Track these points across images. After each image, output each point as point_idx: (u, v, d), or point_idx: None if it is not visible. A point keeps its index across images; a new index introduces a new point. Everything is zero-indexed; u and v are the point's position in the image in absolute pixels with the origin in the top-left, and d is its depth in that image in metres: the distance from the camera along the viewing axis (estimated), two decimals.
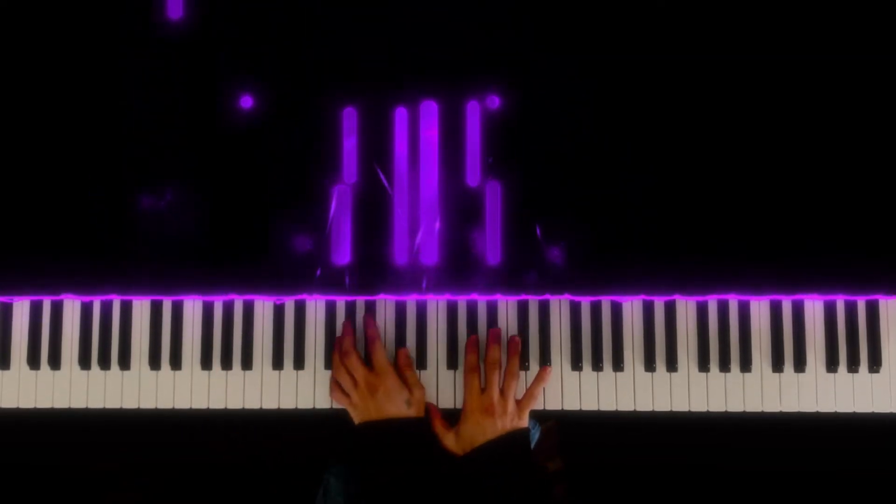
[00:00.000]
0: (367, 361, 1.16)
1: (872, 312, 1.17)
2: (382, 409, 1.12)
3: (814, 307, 1.17)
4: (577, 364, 1.17)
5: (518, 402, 1.14)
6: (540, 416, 1.25)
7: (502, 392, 1.14)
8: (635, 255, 1.14)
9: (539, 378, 1.16)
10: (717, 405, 1.16)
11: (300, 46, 1.15)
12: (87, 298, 1.19)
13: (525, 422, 1.14)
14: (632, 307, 1.18)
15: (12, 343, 1.19)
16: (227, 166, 1.15)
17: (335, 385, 1.16)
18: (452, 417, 1.15)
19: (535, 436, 1.37)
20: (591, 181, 1.14)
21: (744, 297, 1.17)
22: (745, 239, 1.14)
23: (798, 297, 1.16)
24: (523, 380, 1.17)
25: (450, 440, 1.13)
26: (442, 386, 1.18)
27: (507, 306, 1.18)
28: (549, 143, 1.15)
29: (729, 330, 1.17)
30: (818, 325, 1.17)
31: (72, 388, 1.19)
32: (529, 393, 1.15)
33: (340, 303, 1.19)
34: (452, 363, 1.18)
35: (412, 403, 1.14)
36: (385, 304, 1.19)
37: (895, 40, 1.14)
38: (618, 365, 1.17)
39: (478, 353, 1.16)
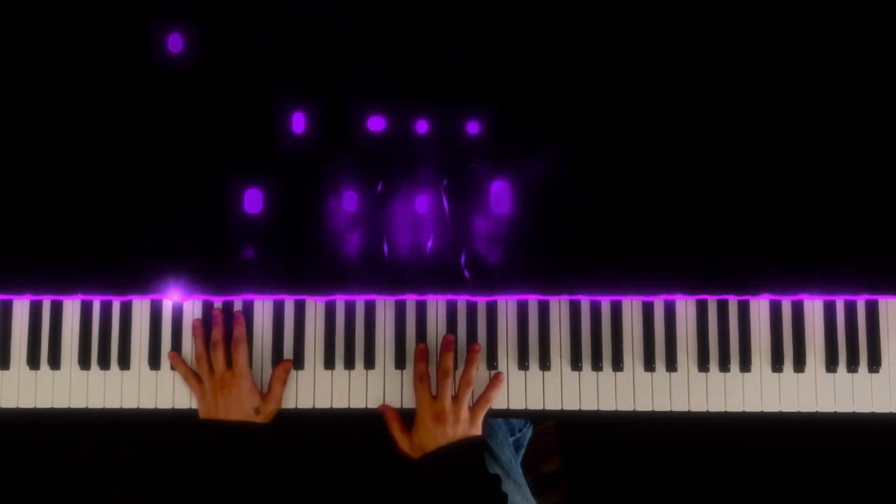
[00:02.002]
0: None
1: (872, 312, 1.17)
2: (230, 410, 1.13)
3: (813, 307, 1.17)
4: (576, 364, 1.17)
5: (471, 409, 1.14)
6: (539, 417, 1.25)
7: (455, 399, 1.13)
8: (635, 255, 1.14)
9: (492, 384, 1.15)
10: (716, 405, 1.16)
11: None
12: (87, 298, 1.19)
13: (478, 429, 1.13)
14: (631, 307, 1.18)
15: (12, 343, 1.20)
16: (231, 167, 1.16)
17: (189, 372, 1.17)
18: None
19: (527, 435, 1.37)
20: (590, 180, 1.14)
21: (744, 297, 1.17)
22: (745, 239, 1.14)
23: (798, 297, 1.16)
24: (522, 380, 1.17)
25: (405, 444, 1.13)
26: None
27: (506, 306, 1.18)
28: (553, 140, 1.15)
29: (728, 330, 1.17)
30: (818, 325, 1.17)
31: (71, 388, 1.19)
32: (483, 398, 1.14)
33: (340, 302, 1.19)
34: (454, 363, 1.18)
35: (260, 412, 1.14)
36: (385, 305, 1.19)
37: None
38: (617, 365, 1.17)
39: (426, 361, 1.16)
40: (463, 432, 1.11)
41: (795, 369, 1.16)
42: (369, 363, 1.18)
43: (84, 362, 1.19)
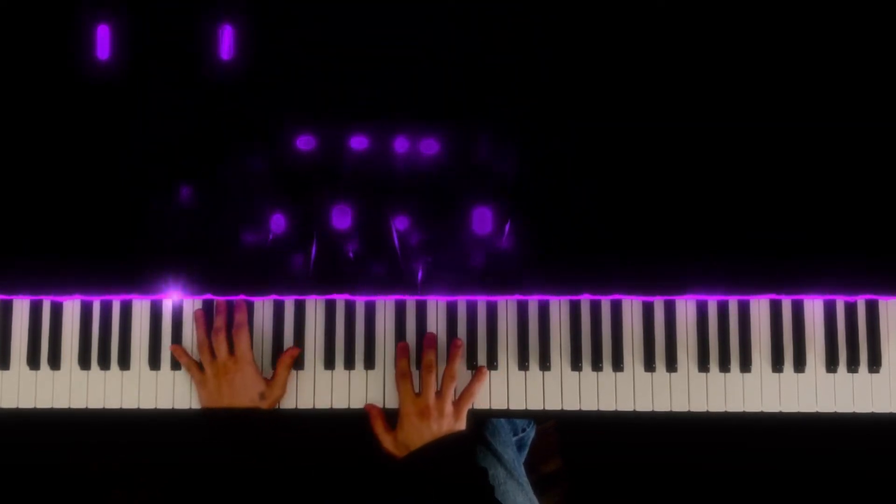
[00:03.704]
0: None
1: (872, 312, 1.17)
2: (234, 396, 1.12)
3: (813, 307, 1.17)
4: (576, 364, 1.17)
5: (455, 403, 1.13)
6: (539, 417, 1.26)
7: (439, 394, 1.13)
8: (635, 255, 1.14)
9: (476, 378, 1.15)
10: (716, 405, 1.16)
11: None
12: (87, 298, 1.19)
13: (462, 423, 1.13)
14: (632, 307, 1.18)
15: (12, 343, 1.19)
16: (232, 169, 1.16)
17: (192, 362, 1.16)
18: None
19: (531, 435, 1.37)
20: (590, 180, 1.14)
21: (744, 297, 1.17)
22: (745, 239, 1.14)
23: (798, 297, 1.16)
24: (522, 380, 1.17)
25: (389, 443, 1.13)
26: None
27: (506, 306, 1.18)
28: (549, 141, 1.15)
29: (729, 330, 1.17)
30: (818, 325, 1.17)
31: (71, 388, 1.19)
32: (466, 391, 1.14)
33: (340, 301, 1.19)
34: None
35: (266, 398, 1.13)
36: (385, 305, 1.19)
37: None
38: (617, 365, 1.17)
39: (408, 358, 1.16)
40: (448, 427, 1.11)
41: (795, 369, 1.16)
42: (369, 363, 1.18)
43: (84, 362, 1.18)
